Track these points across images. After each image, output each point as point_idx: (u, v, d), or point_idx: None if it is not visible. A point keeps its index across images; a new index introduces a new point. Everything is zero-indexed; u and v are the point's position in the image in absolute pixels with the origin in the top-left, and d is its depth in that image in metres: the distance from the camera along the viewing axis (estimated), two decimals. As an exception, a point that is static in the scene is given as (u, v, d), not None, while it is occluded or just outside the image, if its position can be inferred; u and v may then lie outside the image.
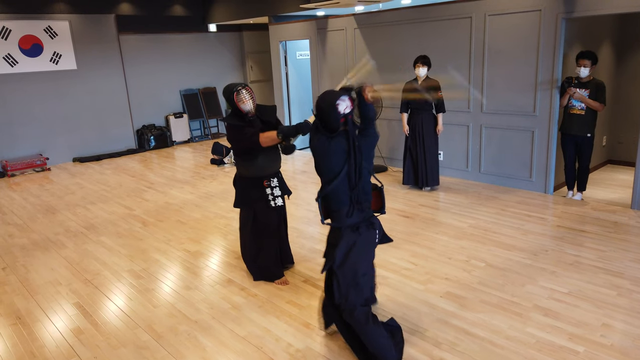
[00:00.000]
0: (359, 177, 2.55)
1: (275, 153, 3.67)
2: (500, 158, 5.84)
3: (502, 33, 5.51)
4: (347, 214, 2.59)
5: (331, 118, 2.51)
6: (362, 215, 2.63)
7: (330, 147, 2.53)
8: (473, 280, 3.63)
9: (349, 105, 2.52)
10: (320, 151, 2.57)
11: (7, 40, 7.65)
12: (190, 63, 10.00)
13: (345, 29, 7.27)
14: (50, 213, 5.79)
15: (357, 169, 2.53)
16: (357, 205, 2.60)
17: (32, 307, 3.58)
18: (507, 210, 5.05)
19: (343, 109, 2.50)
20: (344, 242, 2.59)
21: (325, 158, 2.55)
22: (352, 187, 2.55)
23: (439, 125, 5.67)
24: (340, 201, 2.58)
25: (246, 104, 3.52)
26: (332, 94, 2.57)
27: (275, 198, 3.68)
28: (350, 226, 2.60)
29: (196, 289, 3.73)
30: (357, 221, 2.61)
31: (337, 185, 2.55)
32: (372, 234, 2.67)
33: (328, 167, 2.55)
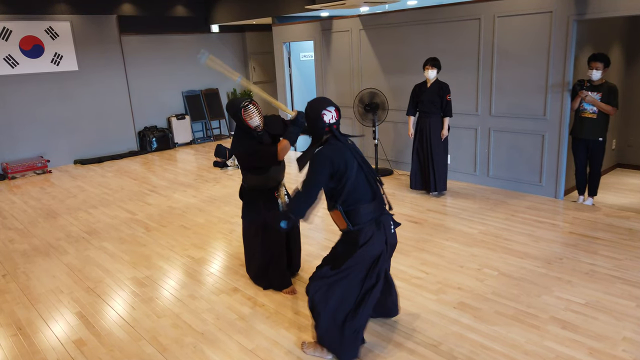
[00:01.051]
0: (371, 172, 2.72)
1: (282, 161, 3.59)
2: (509, 162, 5.73)
3: (511, 35, 5.41)
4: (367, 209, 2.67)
5: (317, 127, 2.63)
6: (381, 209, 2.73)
7: (338, 149, 2.62)
8: (486, 290, 3.53)
9: (335, 115, 2.64)
10: (335, 156, 2.58)
11: (7, 41, 7.55)
12: (192, 64, 9.91)
13: (350, 30, 7.17)
14: (52, 217, 5.69)
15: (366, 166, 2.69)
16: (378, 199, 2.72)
17: (33, 317, 3.49)
18: (517, 216, 4.95)
19: (328, 119, 2.62)
20: (363, 236, 2.64)
21: (340, 158, 2.59)
22: (371, 182, 2.69)
23: (443, 129, 5.56)
24: (359, 199, 2.64)
25: (254, 119, 3.41)
26: (319, 103, 2.66)
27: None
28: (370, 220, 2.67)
29: (201, 298, 3.64)
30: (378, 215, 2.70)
31: (356, 184, 2.62)
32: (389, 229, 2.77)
33: (347, 166, 2.59)
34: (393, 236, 2.82)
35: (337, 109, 2.69)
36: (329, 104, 2.66)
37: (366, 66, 7.09)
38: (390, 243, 2.80)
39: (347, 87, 7.43)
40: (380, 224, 2.68)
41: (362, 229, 2.64)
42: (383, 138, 7.03)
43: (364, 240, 2.65)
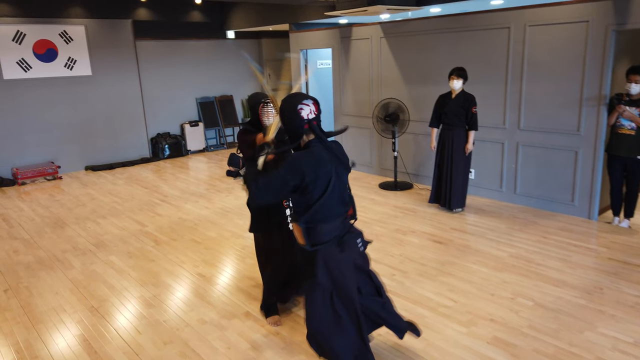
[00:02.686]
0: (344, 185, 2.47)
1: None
2: (538, 179, 5.42)
3: (543, 45, 5.12)
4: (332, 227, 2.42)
5: (294, 124, 2.34)
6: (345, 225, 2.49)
7: (317, 159, 2.30)
8: (522, 323, 3.22)
9: (314, 109, 2.36)
10: (309, 167, 2.29)
11: (21, 44, 7.44)
12: (207, 70, 9.74)
13: (370, 38, 6.93)
14: (59, 227, 5.50)
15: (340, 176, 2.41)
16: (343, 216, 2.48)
17: (33, 339, 3.26)
18: (549, 238, 4.64)
19: (307, 113, 2.31)
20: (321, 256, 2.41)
21: (313, 173, 2.29)
22: (343, 197, 2.45)
23: (468, 143, 5.28)
24: (326, 216, 2.39)
25: (269, 119, 3.27)
26: (294, 97, 2.36)
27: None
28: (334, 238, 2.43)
29: (211, 322, 3.38)
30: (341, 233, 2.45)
31: (327, 200, 2.35)
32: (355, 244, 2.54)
33: (315, 182, 2.30)
34: (363, 256, 2.57)
35: (316, 102, 2.40)
36: (305, 97, 2.38)
37: (386, 75, 6.84)
38: (359, 264, 2.54)
39: (366, 96, 7.18)
40: (343, 244, 2.42)
41: (320, 250, 2.38)
42: (403, 150, 6.75)
43: (322, 263, 2.38)
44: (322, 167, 2.30)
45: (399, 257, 4.33)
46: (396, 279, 3.93)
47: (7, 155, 7.59)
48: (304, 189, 2.30)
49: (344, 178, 2.46)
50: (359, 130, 7.40)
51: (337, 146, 2.44)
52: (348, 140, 7.65)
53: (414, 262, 4.22)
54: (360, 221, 5.32)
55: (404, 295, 3.65)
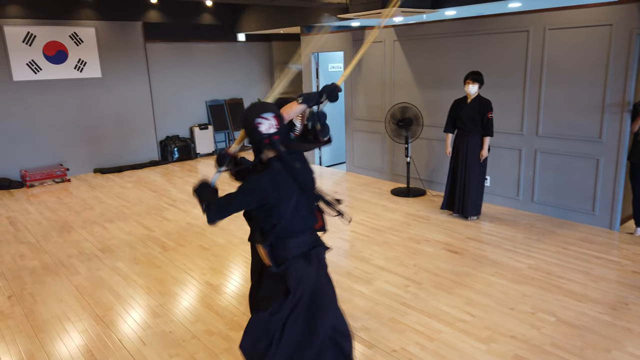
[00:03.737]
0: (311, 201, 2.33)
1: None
2: (557, 187, 5.24)
3: (564, 49, 4.96)
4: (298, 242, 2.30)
5: (254, 138, 2.18)
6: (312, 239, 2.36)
7: (277, 180, 2.16)
8: (544, 340, 3.06)
9: (274, 124, 2.14)
10: (269, 190, 2.16)
11: (31, 46, 7.40)
12: (217, 73, 9.66)
13: (383, 41, 6.80)
14: (66, 231, 5.42)
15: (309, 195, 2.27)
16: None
17: (36, 350, 3.15)
18: (569, 249, 4.46)
19: (266, 128, 2.12)
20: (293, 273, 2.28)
21: (275, 194, 2.16)
22: (310, 210, 2.33)
23: (483, 149, 5.13)
24: (292, 232, 2.27)
25: (299, 121, 3.06)
26: (253, 109, 2.18)
27: None
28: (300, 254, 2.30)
29: (219, 334, 3.26)
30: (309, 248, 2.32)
31: (290, 219, 2.22)
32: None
33: (280, 204, 2.17)
34: (324, 269, 2.43)
35: (278, 115, 2.18)
36: (266, 110, 2.16)
37: (400, 79, 6.70)
38: (321, 277, 2.36)
39: (378, 100, 7.04)
40: (310, 258, 2.28)
41: (289, 268, 2.24)
42: (416, 156, 6.60)
43: (293, 283, 2.24)
44: (283, 187, 2.16)
45: (413, 268, 4.19)
46: (410, 290, 3.78)
47: (16, 157, 7.55)
48: (268, 210, 2.17)
49: (311, 191, 2.29)
50: (370, 135, 7.27)
51: (302, 165, 2.27)
52: (359, 145, 7.52)
53: (429, 273, 4.07)
54: (371, 228, 5.18)
55: (419, 308, 3.50)
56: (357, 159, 7.63)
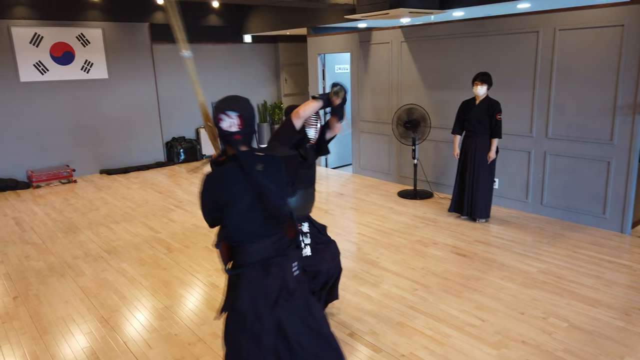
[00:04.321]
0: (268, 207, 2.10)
1: (313, 193, 3.15)
2: (567, 190, 5.17)
3: (574, 50, 4.89)
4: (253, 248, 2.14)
5: (218, 132, 2.07)
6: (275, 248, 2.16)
7: (226, 178, 2.06)
8: (557, 346, 3.00)
9: (237, 123, 2.02)
10: (218, 187, 2.07)
11: (38, 47, 7.41)
12: (223, 74, 9.65)
13: (390, 42, 6.75)
14: (72, 232, 5.40)
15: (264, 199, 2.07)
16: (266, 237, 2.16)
17: (40, 351, 3.13)
18: (580, 253, 4.39)
19: (227, 125, 2.01)
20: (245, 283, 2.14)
21: (225, 192, 2.06)
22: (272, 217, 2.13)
23: (490, 151, 5.07)
24: (248, 236, 2.12)
25: (310, 130, 3.02)
26: (220, 104, 2.05)
27: (305, 247, 3.13)
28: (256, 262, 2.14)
29: (225, 337, 3.21)
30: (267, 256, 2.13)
31: (245, 220, 2.08)
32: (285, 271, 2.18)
33: (233, 202, 2.06)
34: (296, 281, 2.20)
35: (242, 115, 2.03)
36: (230, 107, 2.03)
37: (407, 80, 6.65)
38: (291, 291, 2.17)
39: (385, 102, 6.99)
40: (268, 267, 2.11)
41: (242, 275, 2.11)
42: (423, 158, 6.54)
43: (245, 289, 2.11)
44: (234, 187, 2.04)
45: (421, 271, 4.13)
46: (418, 294, 3.73)
47: (23, 157, 7.56)
48: (221, 209, 2.07)
49: (273, 197, 2.10)
50: (377, 136, 7.22)
51: (271, 170, 2.09)
52: (366, 147, 7.47)
53: (437, 276, 4.01)
54: (378, 230, 5.13)
55: (427, 312, 3.45)
56: (363, 161, 7.59)
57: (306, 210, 3.13)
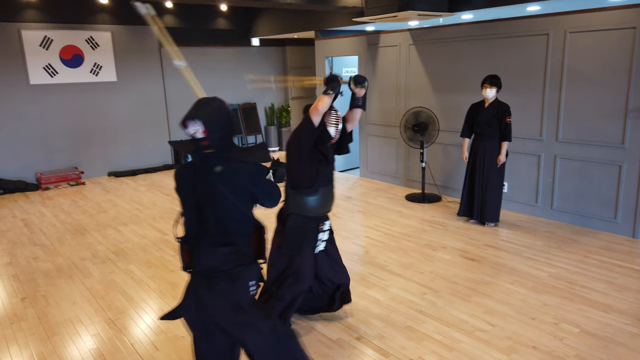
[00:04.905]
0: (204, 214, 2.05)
1: (332, 191, 3.15)
2: (577, 194, 5.12)
3: (585, 53, 4.85)
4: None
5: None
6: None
7: (183, 174, 2.11)
8: (568, 351, 2.96)
9: (201, 131, 1.98)
10: (177, 178, 2.14)
11: (48, 50, 7.47)
12: (231, 77, 9.67)
13: (399, 45, 6.74)
14: (80, 234, 5.42)
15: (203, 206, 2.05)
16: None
17: (48, 353, 3.13)
18: (591, 258, 4.34)
19: (191, 132, 2.00)
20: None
21: (179, 186, 2.12)
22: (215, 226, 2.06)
23: (500, 154, 5.03)
24: (192, 238, 2.10)
25: (331, 128, 3.01)
26: (192, 107, 2.04)
27: (321, 243, 3.14)
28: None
29: (232, 340, 3.20)
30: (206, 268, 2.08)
31: (191, 220, 2.09)
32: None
33: (183, 198, 2.11)
34: (219, 312, 2.07)
35: (206, 123, 1.97)
36: (195, 114, 1.98)
37: (415, 83, 6.62)
38: (233, 309, 2.08)
39: (393, 104, 6.97)
40: (212, 279, 2.06)
41: (190, 279, 2.14)
42: (431, 161, 6.51)
43: (191, 295, 2.13)
44: (185, 183, 2.09)
45: (430, 275, 4.10)
46: (427, 298, 3.69)
47: (32, 160, 7.61)
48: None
49: (224, 204, 2.02)
50: (385, 139, 7.20)
51: (229, 170, 2.02)
52: (373, 150, 7.44)
53: (446, 280, 3.98)
54: (386, 234, 5.10)
55: (436, 316, 3.41)
56: (371, 164, 7.56)
57: (326, 209, 3.14)
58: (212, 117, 2.01)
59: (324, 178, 3.06)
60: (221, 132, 2.03)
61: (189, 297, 2.13)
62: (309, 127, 2.97)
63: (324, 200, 3.07)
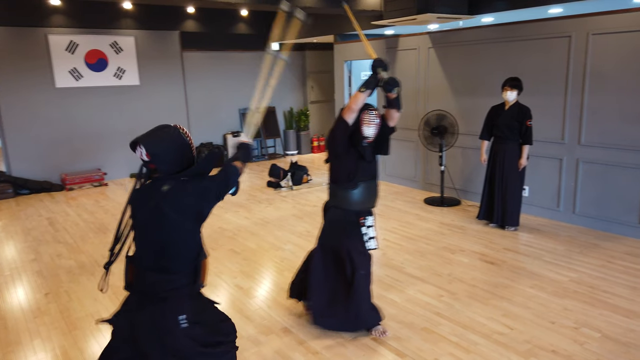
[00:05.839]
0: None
1: (376, 187, 3.18)
2: (601, 198, 5.02)
3: (608, 55, 4.77)
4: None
5: None
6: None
7: (132, 196, 2.15)
8: (589, 356, 2.89)
9: (144, 154, 2.05)
10: (130, 197, 2.17)
11: (74, 54, 7.67)
12: (250, 81, 9.77)
13: (418, 49, 6.72)
14: (102, 232, 5.53)
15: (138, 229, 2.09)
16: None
17: (69, 346, 3.20)
18: (615, 263, 4.24)
19: (139, 155, 2.08)
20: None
21: (131, 205, 2.16)
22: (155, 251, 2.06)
23: (522, 158, 4.96)
24: (141, 262, 2.10)
25: (370, 128, 3.02)
26: (144, 136, 2.10)
27: (370, 240, 3.16)
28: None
29: (248, 338, 3.22)
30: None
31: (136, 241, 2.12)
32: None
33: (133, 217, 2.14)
34: (144, 335, 2.03)
35: (149, 151, 2.03)
36: (141, 140, 2.06)
37: (434, 87, 6.60)
38: (159, 343, 2.02)
39: (412, 108, 6.95)
40: (143, 305, 2.05)
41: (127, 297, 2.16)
42: (450, 165, 6.46)
43: (120, 316, 2.14)
44: (132, 202, 2.12)
45: (447, 277, 4.06)
46: (444, 300, 3.66)
47: (57, 161, 7.81)
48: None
49: (168, 226, 2.01)
50: (403, 143, 7.17)
51: (174, 189, 2.03)
52: (392, 153, 7.39)
53: (464, 283, 3.94)
54: (404, 236, 5.07)
55: (453, 319, 3.38)
56: (389, 168, 7.54)
57: (367, 204, 3.17)
58: (155, 144, 2.05)
59: (364, 173, 3.10)
60: (167, 157, 2.06)
61: (122, 313, 2.13)
62: (342, 124, 3.03)
63: (364, 195, 3.11)
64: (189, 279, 2.08)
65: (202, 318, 2.14)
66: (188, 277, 2.08)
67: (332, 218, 3.20)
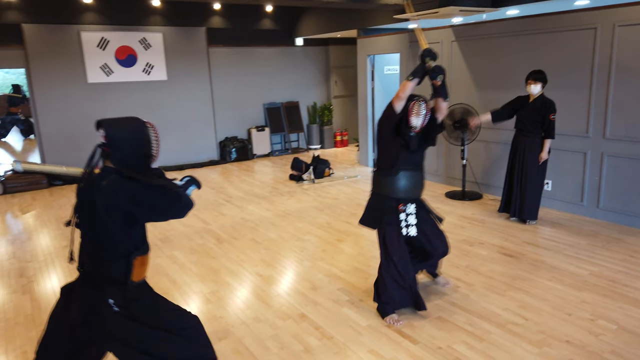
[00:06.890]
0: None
1: (420, 177, 3.26)
2: (626, 193, 4.93)
3: (635, 47, 4.67)
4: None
5: None
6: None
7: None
8: (603, 347, 2.89)
9: (102, 135, 2.09)
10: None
11: (105, 50, 7.95)
12: (275, 76, 9.91)
13: (441, 42, 6.70)
14: (129, 222, 5.74)
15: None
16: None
17: (97, 325, 3.37)
18: (637, 257, 4.18)
19: (99, 135, 2.11)
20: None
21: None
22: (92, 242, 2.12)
23: (543, 152, 4.91)
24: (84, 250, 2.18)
25: (419, 118, 3.10)
26: (108, 121, 2.13)
27: (409, 227, 3.22)
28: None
29: (266, 322, 3.33)
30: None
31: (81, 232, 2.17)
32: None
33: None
34: (96, 317, 2.06)
35: (107, 134, 2.06)
36: (103, 124, 2.09)
37: (457, 80, 6.57)
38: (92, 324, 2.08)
39: (434, 102, 6.92)
40: (70, 292, 2.15)
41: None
42: (472, 158, 6.43)
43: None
44: (78, 192, 2.13)
45: (465, 269, 4.08)
46: (460, 291, 3.69)
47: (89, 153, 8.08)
48: None
49: (97, 220, 2.03)
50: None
51: (110, 186, 2.03)
52: (414, 148, 7.41)
53: (481, 275, 3.95)
54: (423, 230, 5.09)
55: (468, 308, 3.41)
56: (411, 162, 7.53)
57: (408, 193, 3.22)
58: (115, 128, 2.09)
59: (407, 162, 3.17)
60: (123, 145, 2.07)
61: (65, 293, 2.22)
62: (390, 112, 3.13)
63: (405, 184, 3.18)
64: (121, 272, 2.09)
65: (139, 306, 2.14)
66: (119, 270, 2.08)
67: (370, 204, 3.34)
